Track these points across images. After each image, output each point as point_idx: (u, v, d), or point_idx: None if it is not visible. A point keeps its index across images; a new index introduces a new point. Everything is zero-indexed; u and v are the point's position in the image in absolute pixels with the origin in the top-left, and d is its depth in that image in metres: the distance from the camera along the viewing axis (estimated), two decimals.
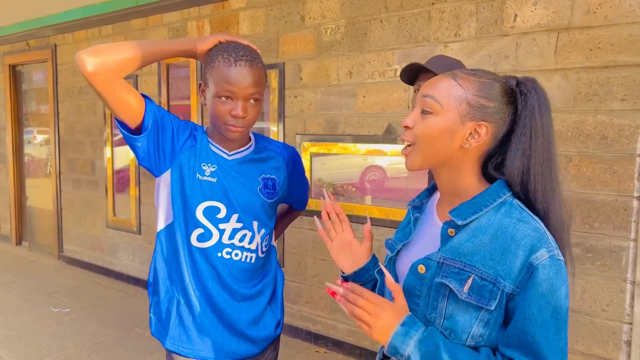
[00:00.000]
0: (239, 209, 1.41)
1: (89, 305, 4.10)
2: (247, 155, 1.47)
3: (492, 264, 0.94)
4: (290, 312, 3.49)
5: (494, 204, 0.99)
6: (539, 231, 0.94)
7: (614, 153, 2.22)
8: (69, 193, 5.31)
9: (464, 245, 0.98)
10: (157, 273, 1.45)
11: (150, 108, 1.30)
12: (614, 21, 2.19)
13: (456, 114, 0.99)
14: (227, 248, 1.41)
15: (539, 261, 0.91)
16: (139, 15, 4.28)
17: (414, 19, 2.78)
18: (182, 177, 1.38)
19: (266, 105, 3.60)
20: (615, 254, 2.25)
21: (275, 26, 3.41)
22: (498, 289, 0.93)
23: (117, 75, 1.23)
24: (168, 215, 1.41)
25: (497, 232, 0.96)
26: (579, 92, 2.29)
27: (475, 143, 0.99)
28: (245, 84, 1.31)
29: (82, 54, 1.19)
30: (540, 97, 0.98)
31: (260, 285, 1.50)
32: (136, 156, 1.34)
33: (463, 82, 0.99)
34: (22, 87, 6.03)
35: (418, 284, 1.02)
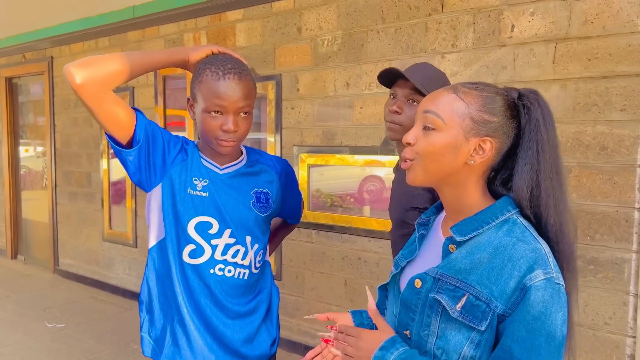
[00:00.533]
0: (231, 224, 1.38)
1: (84, 321, 4.04)
2: (239, 169, 1.44)
3: (488, 284, 0.91)
4: (288, 326, 3.44)
5: (496, 222, 0.96)
6: (539, 252, 0.91)
7: (614, 164, 2.20)
8: (65, 206, 5.27)
9: (461, 262, 0.95)
10: (150, 290, 1.41)
11: (142, 121, 1.28)
12: (612, 31, 2.18)
13: (459, 130, 0.96)
14: (220, 264, 1.38)
15: (533, 282, 0.87)
16: (136, 27, 4.27)
17: (410, 29, 2.77)
18: (173, 192, 1.35)
19: (263, 117, 3.58)
20: (617, 266, 2.21)
21: (272, 38, 3.40)
22: (490, 309, 0.89)
23: (106, 88, 1.20)
24: (160, 231, 1.38)
25: (495, 251, 0.93)
26: (578, 103, 2.27)
27: (479, 159, 0.96)
28: (235, 97, 1.29)
29: (70, 66, 1.17)
30: (544, 110, 0.96)
31: (255, 302, 1.46)
32: (127, 170, 1.31)
33: (465, 96, 0.97)
34: (18, 100, 6.01)
35: (414, 298, 0.99)
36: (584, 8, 2.24)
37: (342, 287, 3.16)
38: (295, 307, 3.41)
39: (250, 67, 3.47)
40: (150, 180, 1.33)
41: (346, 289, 3.14)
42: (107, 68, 1.20)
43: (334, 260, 3.19)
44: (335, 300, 3.20)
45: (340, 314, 1.23)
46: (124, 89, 4.46)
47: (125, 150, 1.27)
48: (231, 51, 1.39)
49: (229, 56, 1.35)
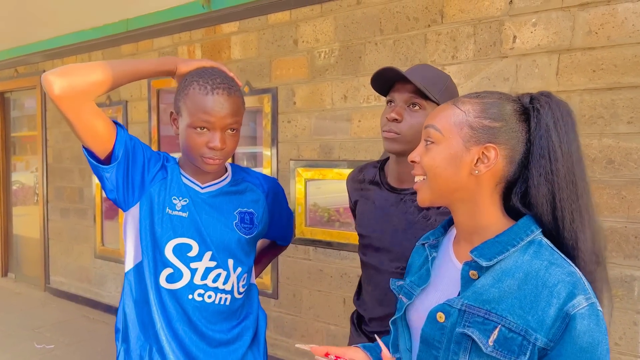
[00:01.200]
0: (212, 246, 1.30)
1: (74, 341, 3.91)
2: (223, 187, 1.36)
3: (522, 314, 0.82)
4: (285, 346, 3.33)
5: (521, 244, 0.87)
6: (574, 276, 0.83)
7: (622, 178, 2.13)
8: (56, 222, 5.16)
9: (489, 290, 0.86)
10: (126, 317, 1.31)
11: (122, 136, 1.20)
12: (617, 42, 2.12)
13: (458, 139, 0.89)
14: (199, 289, 1.29)
15: (577, 310, 0.79)
16: (129, 40, 4.21)
17: (409, 41, 2.71)
18: (152, 212, 1.27)
19: (259, 130, 3.51)
20: (626, 284, 2.13)
21: (268, 50, 3.34)
22: (529, 342, 0.81)
23: (87, 98, 1.13)
24: (137, 254, 1.29)
25: (526, 277, 0.84)
26: (583, 115, 2.21)
27: (485, 168, 0.89)
28: (222, 113, 1.22)
29: (49, 74, 1.09)
30: (556, 113, 0.88)
31: (239, 328, 1.37)
32: (103, 187, 1.24)
33: (464, 106, 0.91)
34: (10, 115, 5.92)
35: (437, 334, 0.90)
36: (587, 18, 2.19)
37: (341, 306, 3.06)
38: (292, 326, 3.30)
39: (246, 80, 3.42)
40: (128, 199, 1.26)
41: (345, 307, 3.04)
42: (89, 77, 1.13)
43: (332, 277, 3.10)
44: (334, 320, 3.10)
45: (346, 349, 1.07)
46: (117, 102, 4.38)
47: (103, 166, 1.20)
48: (223, 67, 1.32)
49: (218, 70, 1.28)
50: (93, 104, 1.16)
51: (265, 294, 3.38)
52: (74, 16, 4.04)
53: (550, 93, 0.91)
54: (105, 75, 1.16)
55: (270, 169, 3.35)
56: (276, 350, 3.38)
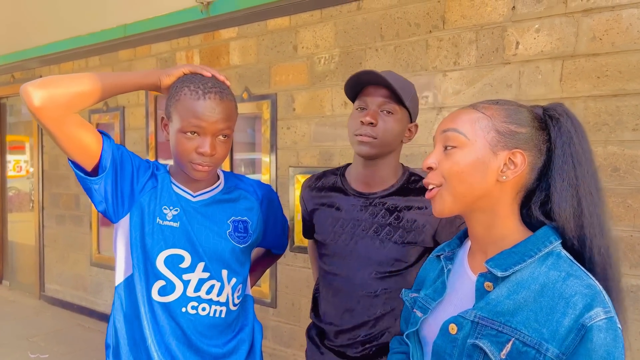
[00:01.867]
0: (205, 257, 1.25)
1: (69, 350, 3.85)
2: (215, 195, 1.32)
3: (537, 327, 0.78)
4: (284, 355, 3.28)
5: (539, 254, 0.84)
6: (594, 288, 0.79)
7: (627, 186, 2.10)
8: (52, 229, 5.10)
9: (503, 302, 0.82)
10: (117, 333, 1.26)
11: (109, 146, 1.16)
12: (622, 48, 2.10)
13: (485, 143, 0.86)
14: (193, 302, 1.24)
15: (594, 321, 0.75)
16: (127, 46, 4.18)
17: (410, 47, 2.69)
18: (142, 223, 1.22)
19: (258, 137, 3.47)
20: (632, 294, 2.09)
21: (267, 56, 3.31)
22: (541, 354, 0.77)
23: (68, 111, 1.08)
24: (127, 267, 1.24)
25: (543, 289, 0.81)
26: (587, 122, 2.18)
27: (512, 174, 0.86)
28: (214, 118, 1.18)
29: (28, 86, 1.04)
30: (575, 121, 0.87)
31: (235, 341, 1.32)
32: (91, 200, 1.19)
33: (487, 110, 0.88)
34: (7, 120, 5.87)
35: (449, 346, 0.86)
36: (591, 24, 2.16)
37: None
38: (291, 336, 3.25)
39: (245, 86, 3.38)
40: (118, 210, 1.21)
41: None
42: (71, 89, 1.08)
43: None
44: None
45: None
46: (114, 108, 4.34)
47: (90, 178, 1.15)
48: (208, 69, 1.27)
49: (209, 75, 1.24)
50: (76, 116, 1.11)
51: (263, 302, 3.33)
52: (71, 22, 4.02)
53: (564, 104, 0.90)
54: (88, 88, 1.12)
55: (269, 176, 3.31)
56: None
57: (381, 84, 1.34)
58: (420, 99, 2.66)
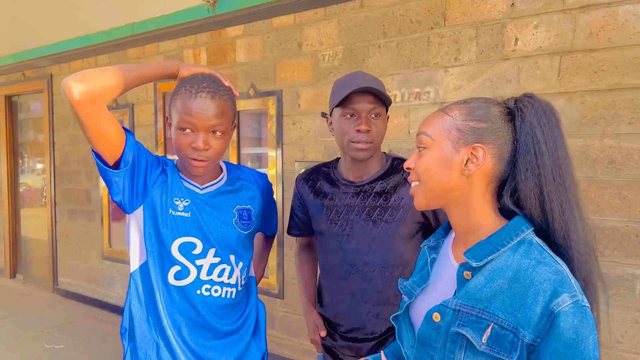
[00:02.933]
0: (215, 244, 1.36)
1: (83, 341, 3.96)
2: (220, 187, 1.42)
3: (512, 311, 0.85)
4: (291, 345, 3.37)
5: (511, 243, 0.91)
6: (561, 274, 0.86)
7: (623, 178, 2.16)
8: (64, 224, 5.21)
9: (481, 290, 0.89)
10: (132, 317, 1.36)
11: (131, 143, 1.25)
12: (618, 43, 2.15)
13: (447, 142, 0.94)
14: (206, 285, 1.35)
15: (561, 307, 0.82)
16: (135, 44, 4.26)
17: (412, 44, 2.75)
18: (155, 214, 1.32)
19: (264, 132, 3.55)
20: (628, 283, 2.16)
21: (272, 53, 3.38)
22: (518, 339, 0.84)
23: (102, 102, 1.18)
24: (142, 255, 1.34)
25: (516, 275, 0.88)
26: (584, 116, 2.24)
27: (474, 167, 0.93)
28: (205, 115, 1.27)
29: (69, 80, 1.14)
30: (539, 110, 0.92)
31: (242, 319, 1.44)
32: (110, 190, 1.28)
33: (452, 111, 0.97)
34: (18, 118, 5.99)
35: (433, 334, 0.93)
36: (588, 20, 2.21)
37: None
38: (298, 326, 3.34)
39: (251, 83, 3.46)
40: (132, 202, 1.30)
41: None
42: (104, 82, 1.18)
43: None
44: None
45: None
46: (123, 105, 4.43)
47: (113, 170, 1.24)
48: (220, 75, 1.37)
49: (209, 76, 1.33)
50: (106, 109, 1.20)
51: (271, 294, 3.42)
52: (81, 20, 4.09)
53: (534, 94, 0.96)
54: (119, 80, 1.21)
55: (275, 170, 3.39)
56: (282, 349, 3.42)
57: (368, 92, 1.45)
58: (422, 94, 2.73)
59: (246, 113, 3.64)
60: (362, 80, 1.46)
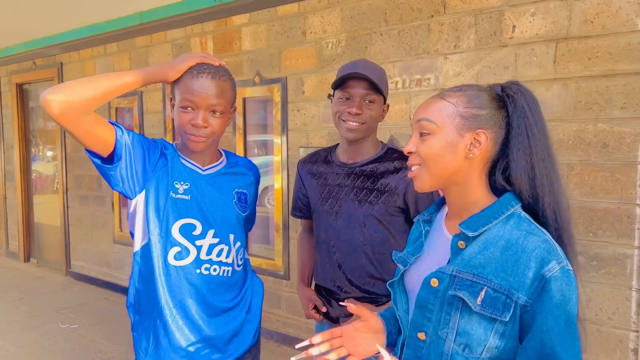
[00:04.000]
0: (214, 225, 1.44)
1: (96, 321, 4.11)
2: (221, 169, 1.52)
3: (505, 276, 0.95)
4: (296, 324, 3.49)
5: (502, 216, 1.00)
6: (549, 243, 0.96)
7: (616, 161, 2.23)
8: (76, 209, 5.35)
9: (475, 257, 0.99)
10: (136, 293, 1.46)
11: (121, 136, 1.31)
12: (612, 30, 2.21)
13: (452, 128, 1.02)
14: (206, 264, 1.44)
15: (551, 273, 0.93)
16: (143, 32, 4.35)
17: (413, 31, 2.82)
18: (157, 197, 1.40)
19: (269, 118, 3.64)
20: (619, 262, 2.25)
21: (277, 41, 3.45)
22: (512, 300, 0.94)
23: (83, 114, 1.21)
24: (144, 236, 1.42)
25: (507, 245, 0.97)
26: (579, 101, 2.31)
27: (478, 151, 1.02)
28: (205, 94, 1.36)
29: (47, 94, 1.16)
30: (527, 97, 1.02)
31: (239, 297, 1.53)
32: (108, 182, 1.35)
33: (451, 98, 1.04)
34: (29, 105, 6.11)
35: (431, 297, 1.03)
36: (583, 8, 2.28)
37: None
38: None
39: (256, 71, 3.54)
40: (133, 189, 1.37)
41: None
42: (83, 94, 1.20)
43: None
44: None
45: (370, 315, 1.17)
46: (132, 93, 4.53)
47: (107, 166, 1.31)
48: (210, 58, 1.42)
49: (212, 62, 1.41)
50: (90, 115, 1.22)
51: (277, 275, 3.54)
52: (90, 10, 4.18)
53: (519, 82, 1.05)
54: (99, 91, 1.23)
55: (280, 157, 3.49)
56: (289, 328, 3.54)
57: (364, 79, 1.54)
58: (423, 80, 2.80)
59: (252, 100, 3.73)
60: (362, 67, 1.55)
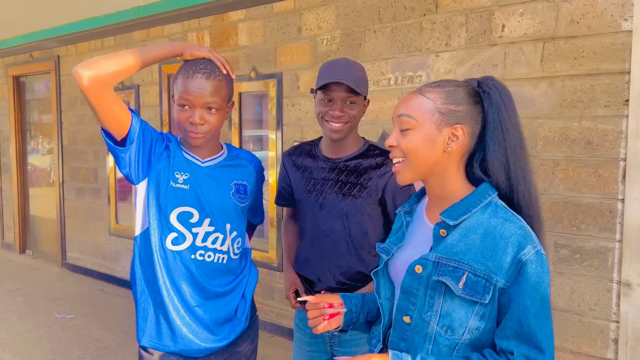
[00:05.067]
0: (210, 214, 1.52)
1: (92, 311, 4.17)
2: (220, 162, 1.59)
3: (484, 261, 1.03)
4: (289, 315, 3.56)
5: (480, 205, 1.08)
6: (524, 229, 1.04)
7: (599, 157, 2.31)
8: (72, 201, 5.40)
9: (457, 244, 1.06)
10: (135, 275, 1.54)
11: (136, 122, 1.41)
12: (597, 31, 2.29)
13: (431, 124, 1.08)
14: (201, 250, 1.51)
15: (527, 257, 1.01)
16: (141, 27, 4.39)
17: (406, 29, 2.88)
18: (158, 185, 1.49)
19: (265, 114, 3.70)
20: (601, 255, 2.33)
21: (273, 37, 3.51)
22: (491, 283, 1.02)
23: (109, 86, 1.33)
24: (144, 222, 1.51)
25: (486, 232, 1.05)
26: (565, 99, 2.38)
27: (455, 145, 1.08)
28: (200, 93, 1.43)
29: (79, 68, 1.29)
30: (502, 93, 1.09)
31: (233, 284, 1.60)
32: (118, 165, 1.45)
33: (430, 94, 1.10)
34: (25, 98, 6.13)
35: (416, 283, 1.10)
36: (570, 9, 2.35)
37: None
38: None
39: (252, 66, 3.60)
40: (138, 175, 1.47)
41: None
42: (110, 67, 1.33)
43: None
44: None
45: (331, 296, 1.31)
46: (129, 87, 4.58)
47: (120, 148, 1.41)
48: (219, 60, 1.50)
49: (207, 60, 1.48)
50: (113, 92, 1.36)
51: (271, 267, 3.61)
52: (87, 3, 4.22)
53: (494, 78, 1.12)
54: (124, 65, 1.37)
55: (275, 152, 3.55)
56: (281, 319, 3.62)
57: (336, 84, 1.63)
58: (415, 77, 2.87)
59: (248, 95, 3.79)
60: (341, 71, 1.64)
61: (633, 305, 2.25)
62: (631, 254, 2.24)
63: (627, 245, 2.25)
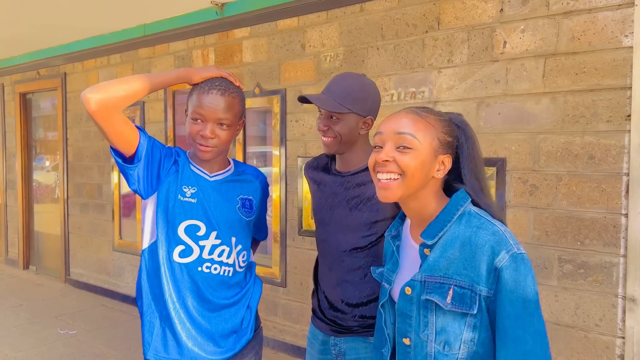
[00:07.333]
0: (217, 227, 1.54)
1: (95, 327, 4.16)
2: (227, 176, 1.62)
3: (466, 273, 1.06)
4: (293, 331, 3.55)
5: (455, 217, 1.11)
6: (497, 234, 1.07)
7: (602, 172, 2.31)
8: (76, 217, 5.42)
9: (438, 261, 1.10)
10: (141, 289, 1.56)
11: (144, 139, 1.45)
12: (598, 47, 2.31)
13: (430, 149, 1.12)
14: (207, 263, 1.54)
15: (502, 263, 1.03)
16: (146, 44, 4.45)
17: (408, 46, 2.91)
18: (167, 199, 1.51)
19: (269, 130, 3.73)
20: (606, 270, 2.32)
21: (277, 54, 3.55)
22: (476, 293, 1.04)
23: (117, 111, 1.37)
24: (152, 235, 1.54)
25: (463, 243, 1.08)
26: (567, 114, 2.40)
27: (442, 173, 1.14)
28: (213, 108, 1.47)
29: (87, 93, 1.33)
30: (470, 128, 1.20)
31: (238, 296, 1.62)
32: (127, 181, 1.48)
33: (430, 120, 1.14)
34: (31, 115, 6.19)
35: (408, 305, 1.13)
36: (571, 25, 2.38)
37: None
38: (300, 313, 3.52)
39: (256, 82, 3.63)
40: (147, 190, 1.50)
41: None
42: (117, 92, 1.37)
43: None
44: None
45: None
46: (135, 103, 4.62)
47: (128, 165, 1.44)
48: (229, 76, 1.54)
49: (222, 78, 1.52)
50: (121, 114, 1.40)
51: (274, 282, 3.60)
52: (94, 21, 4.28)
53: (461, 114, 1.23)
54: (131, 91, 1.40)
55: (279, 168, 3.57)
56: (285, 335, 3.60)
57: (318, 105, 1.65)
58: (417, 93, 2.89)
59: (252, 111, 3.82)
60: (330, 85, 1.67)
61: (638, 321, 2.24)
62: (636, 269, 2.23)
63: (631, 260, 2.25)
